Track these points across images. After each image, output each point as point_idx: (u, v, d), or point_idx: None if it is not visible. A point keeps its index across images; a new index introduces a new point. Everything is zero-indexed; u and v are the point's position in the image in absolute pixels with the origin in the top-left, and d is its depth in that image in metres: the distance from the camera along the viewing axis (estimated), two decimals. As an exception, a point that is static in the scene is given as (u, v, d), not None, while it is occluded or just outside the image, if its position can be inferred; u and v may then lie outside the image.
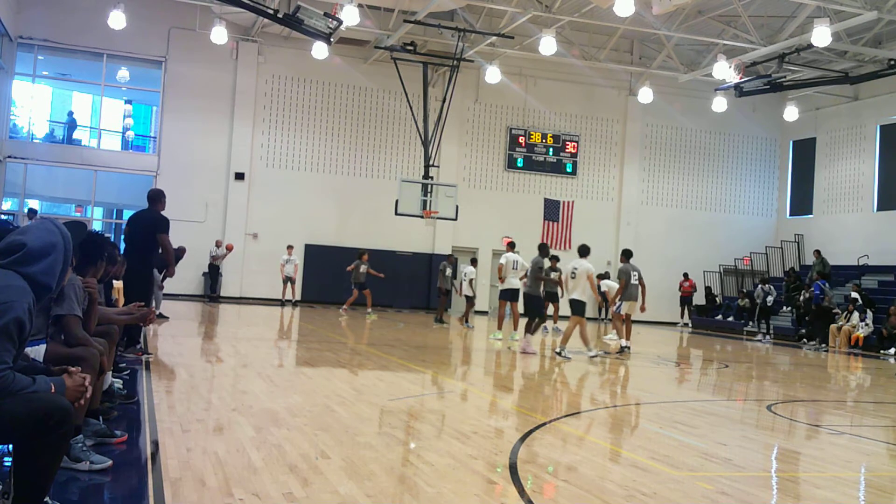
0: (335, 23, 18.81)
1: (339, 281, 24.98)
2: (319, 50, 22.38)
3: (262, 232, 25.43)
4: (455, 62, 22.69)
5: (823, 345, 20.88)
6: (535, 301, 14.82)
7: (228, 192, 25.39)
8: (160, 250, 10.21)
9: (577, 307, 13.62)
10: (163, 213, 10.24)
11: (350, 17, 19.31)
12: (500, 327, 16.54)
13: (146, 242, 9.94)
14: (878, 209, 26.38)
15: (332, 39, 19.79)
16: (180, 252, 17.22)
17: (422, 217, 23.32)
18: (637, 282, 14.73)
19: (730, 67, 21.65)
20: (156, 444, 5.57)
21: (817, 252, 25.25)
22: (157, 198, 10.16)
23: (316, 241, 25.84)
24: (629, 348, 15.14)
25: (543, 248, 15.04)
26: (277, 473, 4.94)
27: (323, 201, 26.00)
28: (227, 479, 4.71)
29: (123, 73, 26.35)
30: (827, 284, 22.75)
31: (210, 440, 5.89)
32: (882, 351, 19.85)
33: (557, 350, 13.51)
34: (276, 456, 5.39)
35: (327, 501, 4.46)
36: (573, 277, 13.73)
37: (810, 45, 20.25)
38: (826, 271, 24.35)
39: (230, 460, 5.20)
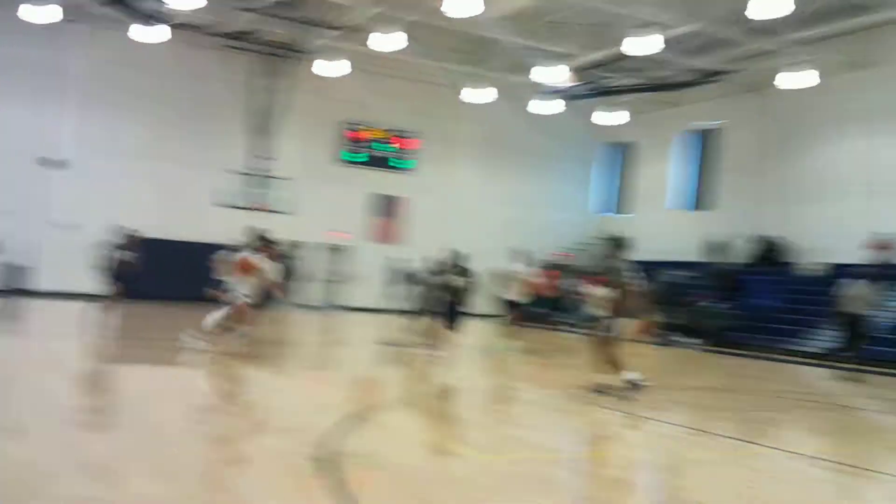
0: (165, 7, 18.15)
1: (163, 275, 24.13)
2: (150, 34, 21.34)
3: (84, 222, 23.96)
4: (293, 54, 22.42)
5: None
6: None
7: (45, 180, 23.78)
8: None
9: None
10: None
11: (183, 1, 18.61)
12: None
13: None
14: (680, 208, 28.60)
15: (164, 24, 19.07)
16: None
17: (249, 209, 22.86)
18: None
19: (557, 72, 22.69)
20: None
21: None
22: None
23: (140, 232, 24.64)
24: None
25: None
26: (77, 477, 4.80)
27: (149, 191, 24.76)
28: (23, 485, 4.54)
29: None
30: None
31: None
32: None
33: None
34: (76, 459, 5.23)
35: None
36: None
37: (632, 55, 21.55)
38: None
39: (25, 464, 5.00)
